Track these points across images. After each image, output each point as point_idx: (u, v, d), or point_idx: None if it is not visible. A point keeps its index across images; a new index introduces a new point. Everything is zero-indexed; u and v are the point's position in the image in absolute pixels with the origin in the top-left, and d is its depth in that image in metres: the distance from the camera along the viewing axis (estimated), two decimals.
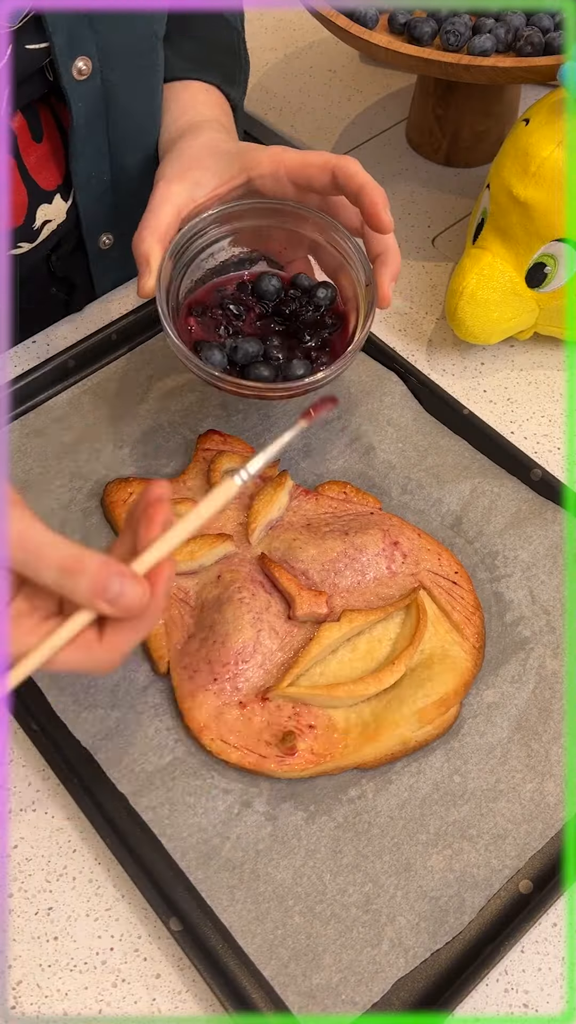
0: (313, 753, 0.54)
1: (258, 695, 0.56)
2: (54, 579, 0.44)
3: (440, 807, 0.54)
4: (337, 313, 0.66)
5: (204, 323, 0.65)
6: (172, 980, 0.50)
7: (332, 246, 0.65)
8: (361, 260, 0.63)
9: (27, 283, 0.75)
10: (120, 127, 0.70)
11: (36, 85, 0.65)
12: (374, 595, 0.60)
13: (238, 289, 0.66)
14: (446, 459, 0.67)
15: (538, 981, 0.50)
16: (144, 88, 0.70)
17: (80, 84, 0.65)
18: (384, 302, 0.61)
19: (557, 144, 0.67)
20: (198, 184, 0.64)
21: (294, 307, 0.65)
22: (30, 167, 0.69)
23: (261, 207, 0.65)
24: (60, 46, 0.62)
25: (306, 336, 0.64)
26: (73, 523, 0.64)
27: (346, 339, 0.64)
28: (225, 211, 0.65)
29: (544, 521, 0.64)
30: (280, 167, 0.63)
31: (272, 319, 0.66)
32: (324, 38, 1.04)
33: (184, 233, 0.63)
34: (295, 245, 0.68)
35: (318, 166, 0.62)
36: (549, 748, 0.55)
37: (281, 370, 0.62)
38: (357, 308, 0.63)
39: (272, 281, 0.65)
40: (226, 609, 0.57)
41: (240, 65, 0.79)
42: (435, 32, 0.76)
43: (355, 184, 0.60)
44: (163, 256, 0.61)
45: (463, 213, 0.86)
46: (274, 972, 0.49)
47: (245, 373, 0.62)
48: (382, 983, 0.49)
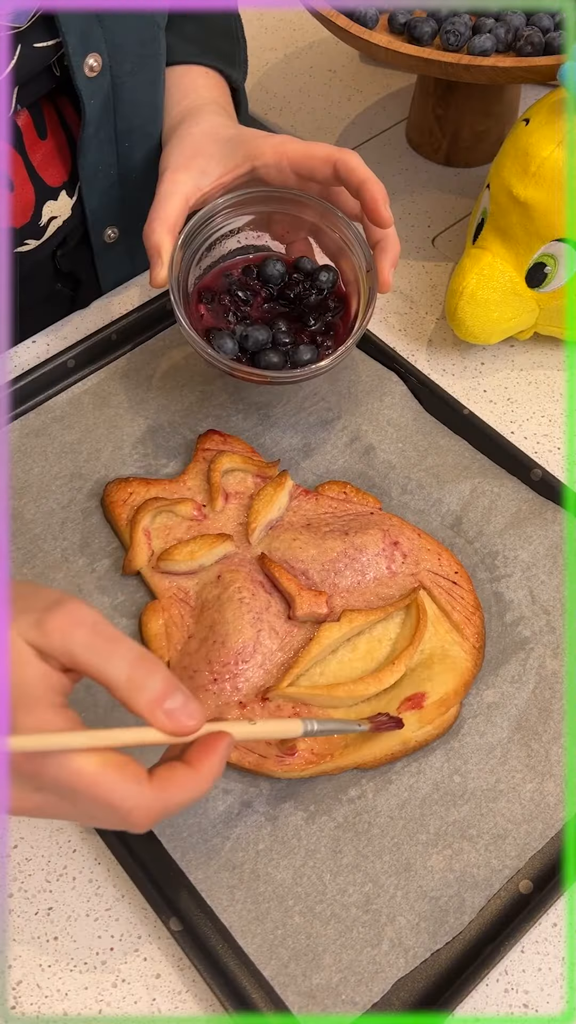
0: (313, 753, 0.54)
1: (258, 695, 0.56)
2: (125, 672, 0.41)
3: (440, 807, 0.54)
4: (339, 296, 0.68)
5: (214, 310, 0.67)
6: (172, 980, 0.50)
7: (333, 232, 0.67)
8: (361, 246, 0.65)
9: (32, 280, 0.75)
10: (127, 119, 0.70)
11: (43, 82, 0.66)
12: (374, 595, 0.59)
13: (244, 273, 0.69)
14: (446, 459, 0.67)
15: (538, 981, 0.50)
16: (148, 78, 0.71)
17: (92, 81, 0.66)
18: (384, 287, 0.63)
19: (557, 144, 0.67)
20: (204, 173, 0.66)
21: (298, 290, 0.68)
22: (36, 164, 0.69)
23: (264, 195, 0.67)
24: (72, 44, 0.63)
25: (311, 320, 0.67)
26: (73, 523, 0.64)
27: (348, 322, 0.66)
28: (231, 199, 0.67)
29: (544, 521, 0.64)
30: (283, 158, 0.64)
31: (277, 302, 0.68)
32: (324, 38, 1.04)
33: (193, 223, 0.65)
34: (297, 229, 0.69)
35: (321, 158, 0.63)
36: (549, 748, 0.55)
37: (289, 356, 0.65)
38: (358, 292, 0.65)
39: (276, 265, 0.68)
40: (226, 609, 0.57)
41: (239, 46, 0.80)
42: (435, 32, 0.76)
43: (356, 178, 0.62)
44: (174, 246, 0.63)
45: (463, 213, 0.86)
46: (274, 972, 0.49)
47: (255, 360, 0.65)
48: (382, 983, 0.49)
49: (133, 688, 0.41)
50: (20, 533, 0.64)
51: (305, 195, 0.67)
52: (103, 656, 0.41)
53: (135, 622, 0.60)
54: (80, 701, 0.57)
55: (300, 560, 0.60)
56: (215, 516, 0.63)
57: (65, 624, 0.41)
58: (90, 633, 0.41)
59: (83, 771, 0.40)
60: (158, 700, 0.41)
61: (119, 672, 0.41)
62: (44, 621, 0.41)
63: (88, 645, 0.41)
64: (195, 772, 0.43)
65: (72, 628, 0.41)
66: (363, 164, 0.62)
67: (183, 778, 0.43)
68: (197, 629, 0.58)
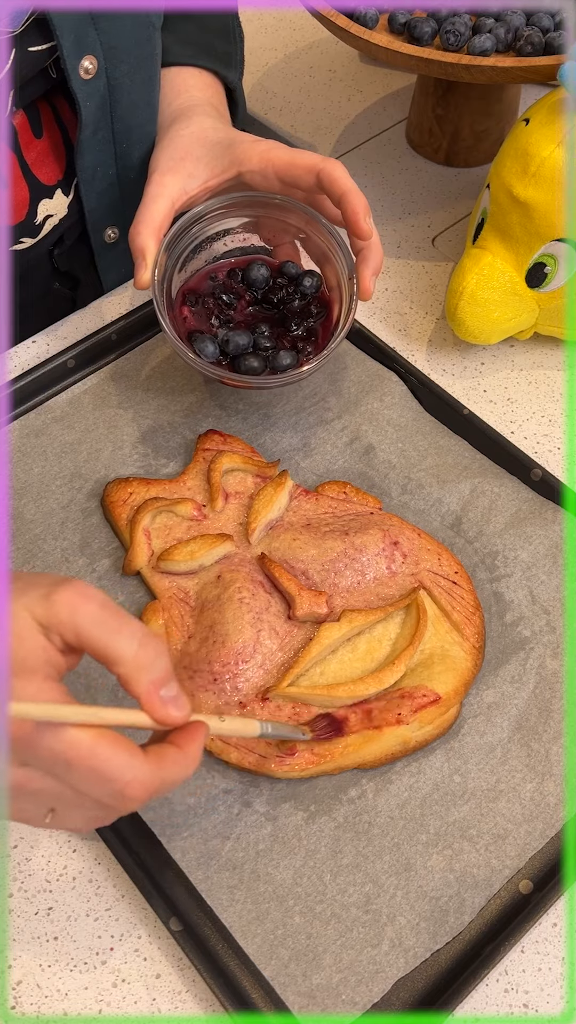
0: (313, 753, 0.54)
1: (258, 695, 0.56)
2: (133, 649, 0.41)
3: (440, 807, 0.54)
4: (322, 301, 0.68)
5: (198, 312, 0.68)
6: (172, 980, 0.50)
7: (317, 237, 0.68)
8: (344, 254, 0.66)
9: (30, 279, 0.75)
10: (124, 120, 0.71)
11: (38, 85, 0.65)
12: (374, 595, 0.59)
13: (229, 276, 0.69)
14: (446, 459, 0.67)
15: (538, 981, 0.50)
16: (145, 79, 0.71)
17: (87, 83, 0.66)
18: (365, 295, 0.64)
19: (557, 144, 0.66)
20: (191, 176, 0.67)
21: (282, 295, 0.68)
22: (31, 163, 0.69)
23: (250, 200, 0.68)
24: (67, 47, 0.63)
25: (292, 325, 0.67)
26: (73, 523, 0.64)
27: (330, 327, 0.67)
28: (217, 204, 0.67)
29: (544, 521, 0.64)
30: (268, 165, 0.65)
31: (261, 306, 0.68)
32: (324, 38, 1.04)
33: (179, 226, 0.66)
34: (283, 232, 0.70)
35: (304, 167, 0.64)
36: (549, 748, 0.55)
37: (269, 361, 0.65)
38: (341, 297, 0.66)
39: (261, 270, 0.68)
40: (226, 609, 0.57)
41: (237, 46, 0.80)
42: (435, 32, 0.76)
43: (338, 189, 0.62)
44: (159, 249, 0.64)
45: (463, 213, 0.86)
46: (274, 972, 0.49)
47: (236, 364, 0.65)
48: (382, 983, 0.49)
49: (138, 666, 0.42)
50: (20, 533, 0.64)
51: (290, 201, 0.67)
52: (111, 630, 0.41)
53: None
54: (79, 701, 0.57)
55: (300, 560, 0.60)
56: (215, 516, 0.63)
57: (73, 598, 0.41)
58: (98, 608, 0.41)
59: (81, 742, 0.40)
60: (158, 683, 0.42)
61: (127, 648, 0.41)
62: (52, 594, 0.41)
63: (96, 619, 0.41)
64: (183, 754, 0.43)
65: (80, 602, 0.41)
66: (346, 175, 0.63)
67: (175, 756, 0.43)
68: (197, 629, 0.58)
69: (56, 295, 0.79)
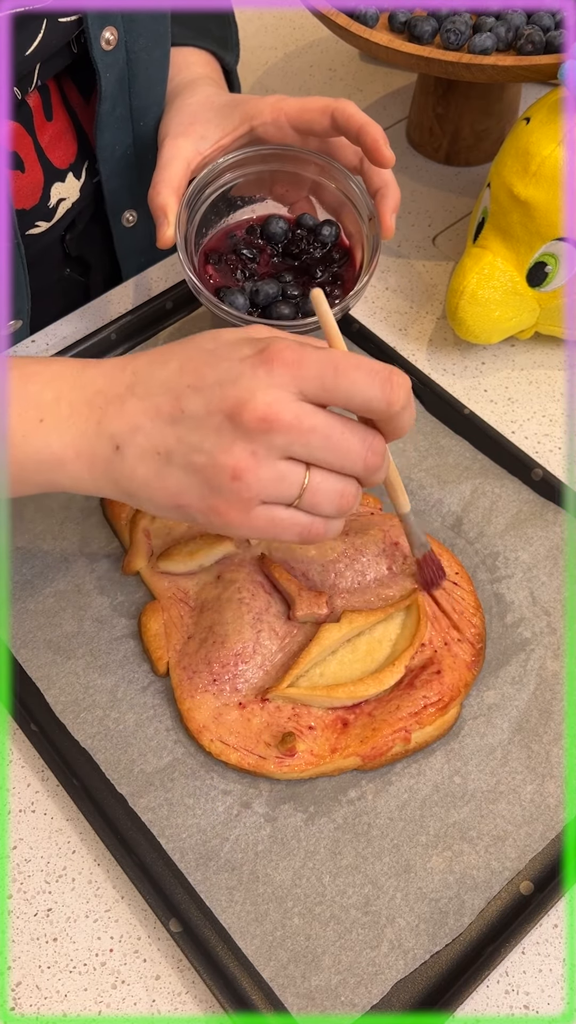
0: (313, 754, 0.54)
1: (258, 696, 0.55)
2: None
3: (440, 808, 0.54)
4: (343, 248, 0.69)
5: (222, 270, 0.68)
6: (172, 981, 0.50)
7: (334, 185, 0.69)
8: (363, 196, 0.67)
9: (41, 264, 0.75)
10: (142, 96, 0.72)
11: (60, 59, 0.66)
12: (374, 596, 0.59)
13: (248, 233, 0.70)
14: (447, 459, 0.67)
15: (539, 982, 0.50)
16: (160, 56, 0.72)
17: (108, 54, 0.67)
18: (387, 233, 0.65)
19: (558, 143, 0.66)
20: (203, 138, 0.67)
21: (302, 245, 0.69)
22: (44, 145, 0.70)
23: (264, 153, 0.69)
24: (91, 17, 0.64)
25: (317, 272, 0.68)
26: (73, 523, 0.64)
27: (354, 272, 0.68)
28: (231, 160, 0.68)
29: (545, 522, 0.64)
30: (281, 115, 0.66)
31: (283, 259, 0.70)
32: (324, 37, 1.04)
33: (195, 184, 0.67)
34: (297, 187, 0.71)
35: (317, 110, 0.65)
36: (550, 749, 0.55)
37: (300, 307, 0.66)
38: (362, 242, 0.67)
39: (279, 223, 0.69)
40: (226, 610, 0.57)
41: (231, 30, 0.82)
42: (435, 31, 0.76)
43: (355, 124, 0.63)
44: (179, 207, 0.65)
45: (463, 212, 0.86)
46: (273, 973, 0.49)
47: (266, 313, 0.66)
48: (381, 985, 0.49)
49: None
50: (20, 533, 0.63)
51: (304, 151, 0.68)
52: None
53: (134, 622, 0.60)
54: (79, 701, 0.57)
55: (300, 561, 0.60)
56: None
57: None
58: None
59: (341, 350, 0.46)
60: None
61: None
62: None
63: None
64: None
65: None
66: (359, 110, 0.64)
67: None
68: (197, 630, 0.58)
69: (68, 281, 0.80)
